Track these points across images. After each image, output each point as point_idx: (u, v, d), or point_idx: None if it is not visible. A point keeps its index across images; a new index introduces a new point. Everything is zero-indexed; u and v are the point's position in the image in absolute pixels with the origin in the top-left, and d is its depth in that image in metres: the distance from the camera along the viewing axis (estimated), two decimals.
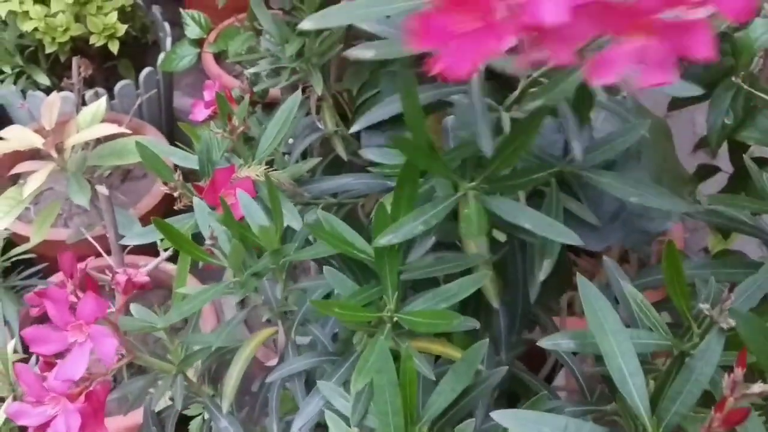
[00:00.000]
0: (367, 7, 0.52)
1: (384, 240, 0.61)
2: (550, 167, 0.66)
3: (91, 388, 0.64)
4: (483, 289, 0.66)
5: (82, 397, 0.64)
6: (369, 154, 0.72)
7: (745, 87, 1.03)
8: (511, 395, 0.89)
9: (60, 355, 0.63)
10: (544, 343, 0.62)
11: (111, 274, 0.68)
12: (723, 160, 1.21)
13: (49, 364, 0.64)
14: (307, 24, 0.53)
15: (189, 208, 0.83)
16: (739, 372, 0.45)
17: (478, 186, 0.62)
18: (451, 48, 0.42)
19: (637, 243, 0.77)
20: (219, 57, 1.84)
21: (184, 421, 1.32)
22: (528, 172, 0.65)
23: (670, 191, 0.68)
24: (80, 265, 0.69)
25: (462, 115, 0.64)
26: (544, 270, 0.67)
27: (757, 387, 0.44)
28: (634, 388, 0.55)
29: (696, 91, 0.66)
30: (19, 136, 1.16)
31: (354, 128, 0.72)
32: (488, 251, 0.67)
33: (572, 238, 0.63)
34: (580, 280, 0.59)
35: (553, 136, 0.72)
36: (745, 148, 1.15)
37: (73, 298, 0.65)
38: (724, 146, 1.15)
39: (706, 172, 1.32)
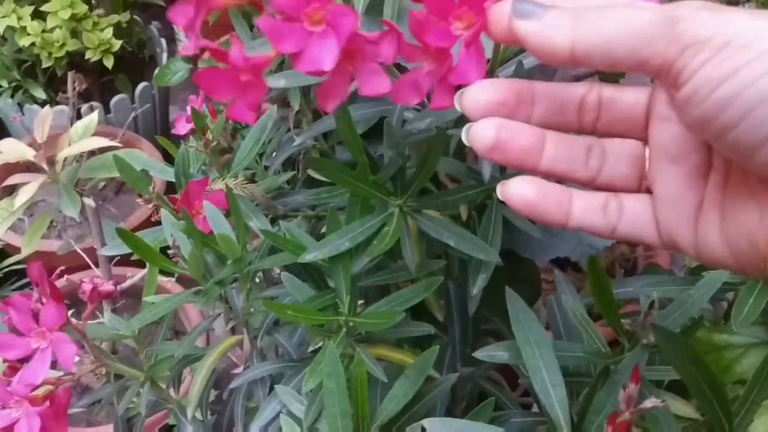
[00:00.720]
0: None
1: (309, 256, 0.64)
2: (485, 185, 0.68)
3: (54, 393, 0.66)
4: (426, 302, 0.68)
5: (46, 402, 0.66)
6: (311, 171, 0.75)
7: None
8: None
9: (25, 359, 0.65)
10: (480, 354, 0.63)
11: (78, 283, 0.70)
12: None
13: (13, 369, 0.66)
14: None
15: None
16: (633, 387, 0.47)
17: (405, 204, 0.65)
18: (235, 100, 0.47)
19: (584, 256, 0.79)
20: None
21: (169, 429, 1.35)
22: (461, 190, 0.67)
23: None
24: (55, 275, 0.71)
25: (387, 135, 0.66)
26: (477, 285, 0.68)
27: (649, 402, 0.46)
28: (556, 399, 0.57)
29: None
30: (11, 149, 1.19)
31: (296, 142, 0.75)
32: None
33: (493, 256, 0.65)
34: (509, 293, 0.61)
35: None
36: None
37: (39, 306, 0.67)
38: None
39: None
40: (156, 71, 1.92)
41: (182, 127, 1.11)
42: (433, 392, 0.68)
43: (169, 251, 0.71)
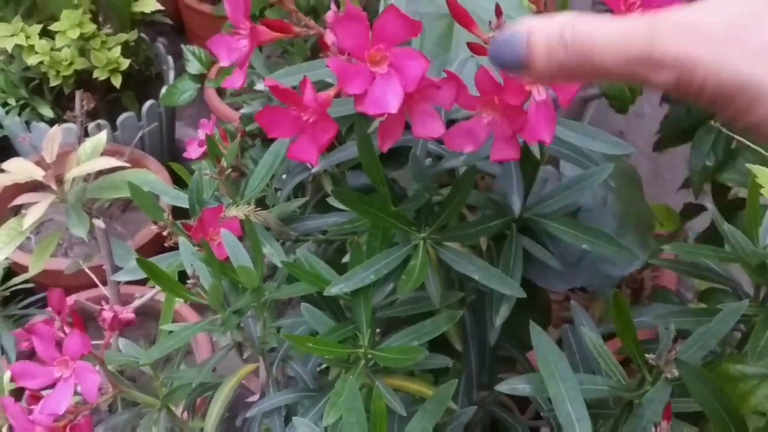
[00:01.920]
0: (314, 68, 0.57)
1: (335, 289, 0.64)
2: (506, 216, 0.68)
3: (75, 422, 0.67)
4: (447, 333, 0.69)
5: (68, 430, 0.66)
6: (331, 201, 0.76)
7: (725, 131, 1.06)
8: None
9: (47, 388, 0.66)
10: (503, 387, 0.64)
11: (99, 310, 0.71)
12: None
13: (35, 398, 0.66)
14: (261, 86, 0.57)
15: (177, 246, 0.86)
16: (665, 425, 0.47)
17: (429, 236, 0.65)
18: (297, 139, 0.48)
19: (601, 286, 0.80)
20: (221, 90, 1.87)
21: None
22: (483, 221, 0.68)
23: (635, 236, 0.70)
24: (70, 301, 0.72)
25: (414, 168, 0.67)
26: (501, 316, 0.69)
27: None
28: None
29: (626, 149, 0.68)
30: (20, 169, 1.19)
31: (315, 169, 0.76)
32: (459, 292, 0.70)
33: (517, 291, 0.66)
34: (533, 328, 0.61)
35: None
36: (727, 189, 1.18)
37: (60, 334, 0.68)
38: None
39: (693, 210, 1.35)
40: (163, 89, 1.94)
41: (194, 151, 1.11)
42: (451, 425, 0.68)
43: (189, 281, 0.71)
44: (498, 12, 0.52)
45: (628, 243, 0.81)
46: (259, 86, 0.69)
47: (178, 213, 0.90)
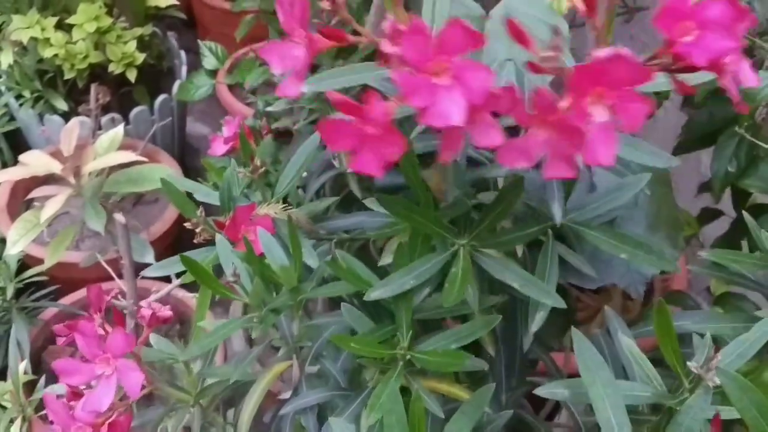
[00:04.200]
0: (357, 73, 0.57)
1: (375, 294, 0.65)
2: (543, 222, 0.69)
3: (113, 419, 0.67)
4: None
5: (106, 427, 0.66)
6: (369, 203, 0.76)
7: (748, 137, 1.07)
8: None
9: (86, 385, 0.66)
10: (542, 391, 0.64)
11: (136, 308, 0.71)
12: (728, 203, 1.24)
13: (76, 395, 0.67)
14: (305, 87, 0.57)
15: (208, 242, 0.87)
16: None
17: (469, 243, 0.66)
18: (360, 152, 0.47)
19: (633, 283, 0.80)
20: (232, 85, 1.87)
21: None
22: (521, 228, 0.68)
23: (666, 235, 0.71)
24: (106, 299, 0.72)
25: (455, 173, 0.68)
26: (536, 323, 0.70)
27: None
28: None
29: (672, 162, 0.68)
30: (38, 162, 1.19)
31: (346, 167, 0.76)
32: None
33: (556, 301, 0.66)
34: (575, 334, 0.62)
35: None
36: (747, 195, 1.18)
37: (99, 331, 0.68)
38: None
39: (710, 215, 1.35)
40: (176, 84, 1.94)
41: (219, 148, 1.12)
42: (486, 428, 0.69)
43: (230, 278, 0.72)
44: (556, 31, 0.52)
45: (658, 242, 0.81)
46: (305, 89, 0.68)
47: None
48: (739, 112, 0.53)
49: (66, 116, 1.81)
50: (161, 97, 1.94)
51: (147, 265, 0.91)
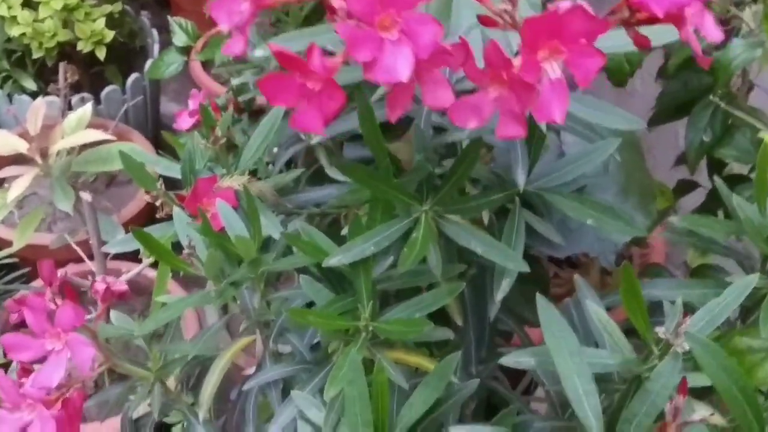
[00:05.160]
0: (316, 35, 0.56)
1: (334, 260, 0.63)
2: (509, 189, 0.67)
3: (67, 395, 0.65)
4: (446, 306, 0.68)
5: (59, 404, 0.64)
6: (331, 172, 0.74)
7: (723, 106, 1.05)
8: (490, 407, 0.90)
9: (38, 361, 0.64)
10: (508, 360, 0.63)
11: (91, 282, 0.69)
12: (705, 175, 1.23)
13: (26, 371, 0.65)
14: (260, 52, 0.55)
15: (171, 217, 0.84)
16: (680, 399, 0.46)
17: (431, 209, 0.64)
18: (301, 108, 0.45)
19: (603, 252, 0.79)
20: (206, 64, 1.84)
21: (166, 428, 1.33)
22: (486, 194, 0.66)
23: (638, 203, 0.69)
24: (60, 273, 0.70)
25: (418, 139, 0.66)
26: (502, 290, 0.68)
27: (698, 414, 0.45)
28: (589, 408, 0.56)
29: (639, 124, 0.67)
30: (3, 141, 1.17)
31: (314, 140, 0.75)
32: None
33: (521, 265, 0.65)
34: (539, 299, 0.60)
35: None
36: (723, 165, 1.17)
37: (52, 306, 0.66)
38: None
39: (686, 187, 1.34)
40: (148, 63, 1.90)
41: (184, 122, 1.09)
42: (452, 398, 0.67)
43: (185, 251, 0.70)
44: None
45: (629, 209, 0.80)
46: (259, 53, 0.66)
47: (167, 185, 0.88)
48: (701, 65, 0.51)
49: (35, 96, 1.77)
50: (133, 76, 1.91)
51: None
